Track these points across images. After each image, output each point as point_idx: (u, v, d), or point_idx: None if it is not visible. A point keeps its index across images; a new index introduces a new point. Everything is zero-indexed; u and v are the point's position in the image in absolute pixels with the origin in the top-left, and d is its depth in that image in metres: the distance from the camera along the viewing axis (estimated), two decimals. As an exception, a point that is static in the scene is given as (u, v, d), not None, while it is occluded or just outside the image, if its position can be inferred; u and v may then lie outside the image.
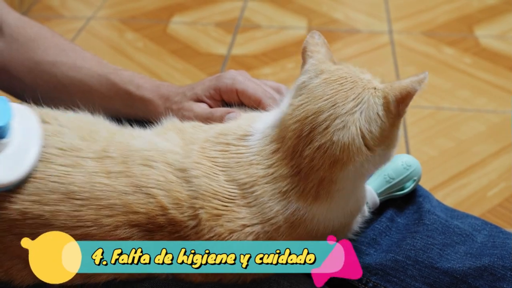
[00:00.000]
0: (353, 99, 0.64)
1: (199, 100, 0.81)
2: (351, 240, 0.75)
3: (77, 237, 0.63)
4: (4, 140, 0.63)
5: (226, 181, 0.65)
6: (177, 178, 0.64)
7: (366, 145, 0.63)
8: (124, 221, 0.63)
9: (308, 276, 0.76)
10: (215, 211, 0.63)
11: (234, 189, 0.64)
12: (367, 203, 0.77)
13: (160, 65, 2.09)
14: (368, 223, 0.78)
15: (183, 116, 0.78)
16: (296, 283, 0.72)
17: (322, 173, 0.63)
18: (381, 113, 0.63)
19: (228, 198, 0.64)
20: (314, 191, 0.64)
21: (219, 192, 0.64)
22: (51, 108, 0.73)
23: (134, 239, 0.63)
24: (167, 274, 0.67)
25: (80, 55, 0.90)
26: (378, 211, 0.80)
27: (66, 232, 0.62)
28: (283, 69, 2.07)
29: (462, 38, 2.29)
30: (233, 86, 0.79)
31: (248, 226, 0.63)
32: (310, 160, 0.63)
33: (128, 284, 0.67)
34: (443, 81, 2.02)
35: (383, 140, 0.64)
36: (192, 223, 0.63)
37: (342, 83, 0.65)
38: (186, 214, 0.63)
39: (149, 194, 0.63)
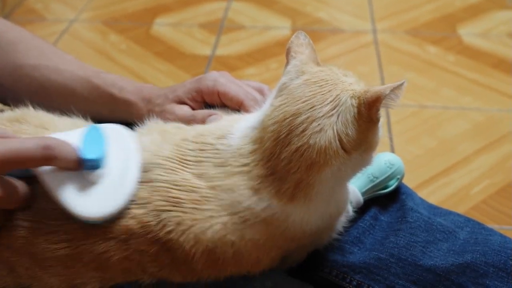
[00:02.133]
0: (330, 101, 0.63)
1: (181, 102, 0.80)
2: (335, 239, 0.75)
3: (61, 257, 0.63)
4: (100, 171, 0.62)
5: (194, 175, 0.64)
6: (143, 173, 0.64)
7: (343, 148, 0.63)
8: (100, 234, 0.62)
9: (292, 276, 0.76)
10: (176, 200, 0.63)
11: (202, 182, 0.64)
12: (351, 202, 0.77)
13: (144, 67, 2.08)
14: (352, 221, 0.78)
15: (165, 118, 0.78)
16: (280, 284, 0.72)
17: (299, 176, 0.63)
18: (356, 116, 0.63)
19: (191, 190, 0.63)
20: (290, 192, 0.63)
21: (182, 184, 0.64)
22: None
23: (113, 252, 0.63)
24: (151, 279, 0.67)
25: (61, 58, 0.90)
26: (362, 209, 0.80)
27: (49, 253, 0.63)
28: (267, 70, 2.07)
29: (446, 37, 2.30)
30: (215, 88, 0.78)
31: (215, 217, 0.63)
32: (287, 163, 0.63)
33: None
34: (427, 79, 2.03)
35: (360, 144, 0.64)
36: (157, 220, 0.63)
37: (321, 85, 0.65)
38: (150, 209, 0.63)
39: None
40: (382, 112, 0.65)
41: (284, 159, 0.63)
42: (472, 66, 2.11)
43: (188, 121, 0.77)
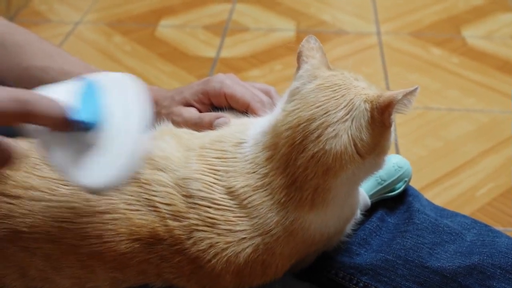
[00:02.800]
0: (344, 106, 0.63)
1: (188, 104, 0.80)
2: (342, 241, 0.75)
3: (83, 256, 0.63)
4: (95, 133, 0.54)
5: (225, 191, 0.64)
6: (178, 187, 0.64)
7: (358, 152, 0.63)
8: (126, 234, 0.62)
9: (300, 277, 0.76)
10: (212, 221, 0.63)
11: (232, 199, 0.64)
12: (359, 205, 0.77)
13: (148, 68, 2.08)
14: (359, 223, 0.78)
15: (172, 120, 0.78)
16: (289, 286, 0.72)
17: (316, 181, 0.63)
18: (370, 121, 0.63)
19: (226, 209, 0.64)
20: (310, 199, 0.64)
21: (219, 204, 0.64)
22: None
23: (135, 254, 0.63)
24: (163, 283, 0.67)
25: (67, 60, 0.90)
26: (369, 211, 0.80)
27: (71, 250, 0.63)
28: (272, 71, 2.07)
29: (450, 39, 2.30)
30: (221, 90, 0.79)
31: (247, 239, 0.63)
32: (304, 169, 0.63)
33: None
34: (431, 81, 2.03)
35: (373, 148, 0.64)
36: (189, 235, 0.63)
37: (335, 90, 0.65)
38: (185, 224, 0.63)
39: (153, 206, 0.63)
40: (389, 114, 0.65)
41: (301, 165, 0.63)
42: (476, 67, 2.10)
43: (195, 124, 0.77)
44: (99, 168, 0.54)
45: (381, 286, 0.74)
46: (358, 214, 0.77)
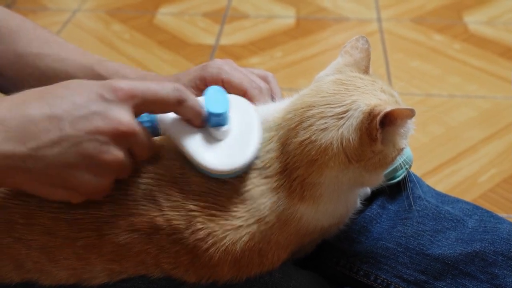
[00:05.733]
0: (345, 104, 0.62)
1: (185, 90, 0.79)
2: (342, 229, 0.74)
3: (79, 249, 0.62)
4: (225, 128, 0.63)
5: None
6: (176, 175, 0.63)
7: (344, 153, 0.62)
8: (124, 226, 0.61)
9: (300, 266, 0.75)
10: (210, 210, 0.62)
11: (229, 185, 0.63)
12: (359, 194, 0.76)
13: (147, 56, 2.07)
14: (359, 211, 0.77)
15: (169, 107, 0.77)
16: (288, 275, 0.71)
17: (302, 172, 0.63)
18: (359, 125, 0.61)
19: (224, 196, 0.63)
20: (299, 192, 0.63)
21: (215, 190, 0.63)
22: None
23: (133, 245, 0.62)
24: (161, 273, 0.65)
25: (63, 47, 0.89)
26: (369, 198, 0.79)
27: (67, 243, 0.61)
28: (272, 58, 2.06)
29: (451, 25, 2.28)
30: (219, 76, 0.77)
31: (244, 226, 0.62)
32: (293, 156, 0.63)
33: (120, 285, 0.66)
34: (433, 67, 2.02)
35: (360, 156, 0.62)
36: (188, 224, 0.62)
37: (348, 89, 0.64)
38: (183, 214, 0.62)
39: (151, 196, 0.62)
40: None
41: (291, 151, 0.63)
42: (478, 54, 2.09)
43: (192, 109, 0.76)
44: (227, 155, 0.62)
45: (381, 274, 0.73)
46: (358, 203, 0.75)
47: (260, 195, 0.63)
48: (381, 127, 0.61)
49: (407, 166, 0.80)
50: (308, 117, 0.62)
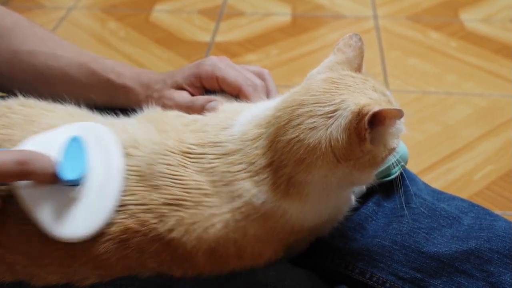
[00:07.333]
0: (335, 104, 0.61)
1: (179, 87, 0.79)
2: (336, 226, 0.74)
3: (59, 258, 0.62)
4: (79, 187, 0.61)
5: (195, 170, 0.63)
6: (145, 165, 0.63)
7: (333, 152, 0.61)
8: (95, 237, 0.61)
9: (295, 264, 0.75)
10: (178, 201, 0.62)
11: (202, 177, 0.63)
12: (353, 191, 0.76)
13: (143, 54, 2.06)
14: (355, 208, 0.77)
15: (164, 104, 0.77)
16: (283, 273, 0.71)
17: (289, 170, 0.62)
18: (348, 124, 0.61)
19: (194, 187, 0.62)
20: (284, 188, 0.62)
21: (184, 181, 0.63)
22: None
23: (111, 253, 0.62)
24: (151, 272, 0.66)
25: (59, 44, 0.88)
26: (365, 196, 0.79)
27: (45, 252, 0.62)
28: (268, 56, 2.05)
29: (448, 23, 2.28)
30: (213, 73, 0.77)
31: (217, 214, 0.62)
32: (281, 154, 0.62)
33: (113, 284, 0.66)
34: (429, 65, 2.02)
35: (349, 156, 0.61)
36: (158, 219, 0.62)
37: (339, 87, 0.63)
38: (153, 210, 0.62)
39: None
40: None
41: (279, 149, 0.62)
42: (474, 51, 2.09)
43: (187, 107, 0.76)
44: (80, 220, 0.60)
45: (377, 272, 0.73)
46: (353, 201, 0.75)
47: (239, 187, 0.62)
48: (370, 127, 0.60)
49: (402, 163, 0.80)
50: (297, 116, 0.62)
